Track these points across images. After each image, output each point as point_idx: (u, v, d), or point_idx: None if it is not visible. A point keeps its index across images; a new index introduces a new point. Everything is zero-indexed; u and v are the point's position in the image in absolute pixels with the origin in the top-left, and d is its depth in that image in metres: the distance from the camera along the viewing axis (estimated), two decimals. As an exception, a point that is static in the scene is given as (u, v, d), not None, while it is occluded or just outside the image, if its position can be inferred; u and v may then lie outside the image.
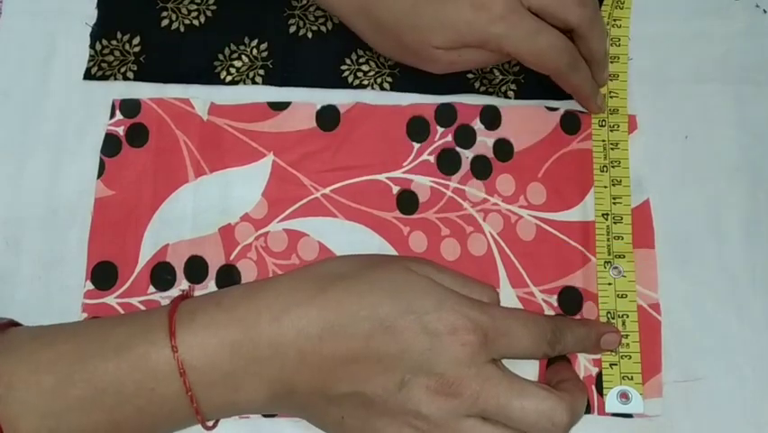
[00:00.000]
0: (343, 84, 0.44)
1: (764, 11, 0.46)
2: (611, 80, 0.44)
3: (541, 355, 0.36)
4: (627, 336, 0.40)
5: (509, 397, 0.33)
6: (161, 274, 0.40)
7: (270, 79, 0.44)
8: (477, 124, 0.44)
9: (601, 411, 0.39)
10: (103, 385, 0.32)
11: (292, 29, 0.45)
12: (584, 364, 0.40)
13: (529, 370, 0.39)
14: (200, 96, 0.43)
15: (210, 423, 0.35)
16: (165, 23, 0.45)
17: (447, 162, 0.43)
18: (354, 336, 0.33)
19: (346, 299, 0.33)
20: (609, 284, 0.41)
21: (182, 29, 0.45)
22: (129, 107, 0.43)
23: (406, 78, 0.44)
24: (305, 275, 0.35)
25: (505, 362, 0.35)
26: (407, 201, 0.42)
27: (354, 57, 0.45)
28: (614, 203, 0.42)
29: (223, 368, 0.33)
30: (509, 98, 0.44)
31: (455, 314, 0.33)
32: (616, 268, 0.41)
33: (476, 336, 0.33)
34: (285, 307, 0.33)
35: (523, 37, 0.39)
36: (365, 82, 0.44)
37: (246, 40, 0.45)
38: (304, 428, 0.37)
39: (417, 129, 0.43)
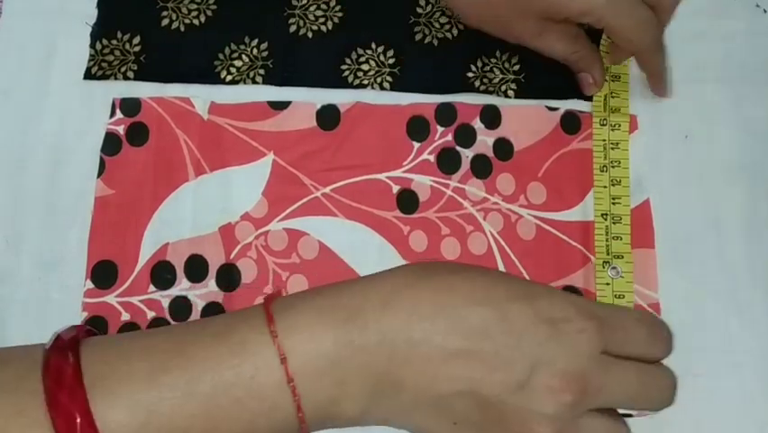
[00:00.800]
0: (343, 83, 0.44)
1: (764, 11, 0.47)
2: (613, 81, 0.44)
3: (651, 357, 0.34)
4: None
5: (644, 384, 0.32)
6: (161, 273, 0.40)
7: (271, 79, 0.44)
8: (477, 124, 0.44)
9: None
10: (198, 371, 0.29)
11: (292, 28, 0.45)
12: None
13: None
14: (200, 96, 0.43)
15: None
16: (165, 22, 0.45)
17: (447, 162, 0.43)
18: (468, 322, 0.30)
19: (456, 282, 0.31)
20: (607, 284, 0.41)
21: (182, 28, 0.45)
22: (129, 106, 0.43)
23: (406, 77, 0.44)
24: (402, 267, 0.33)
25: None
26: (407, 200, 0.42)
27: (354, 56, 0.45)
28: (613, 203, 0.42)
29: (327, 356, 0.30)
30: (509, 98, 0.44)
31: (566, 301, 0.31)
32: (614, 268, 0.41)
33: (593, 324, 0.31)
34: (393, 289, 0.31)
35: (623, 10, 0.39)
36: (365, 82, 0.44)
37: (246, 39, 0.45)
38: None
39: (417, 128, 0.43)
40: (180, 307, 0.40)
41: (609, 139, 0.43)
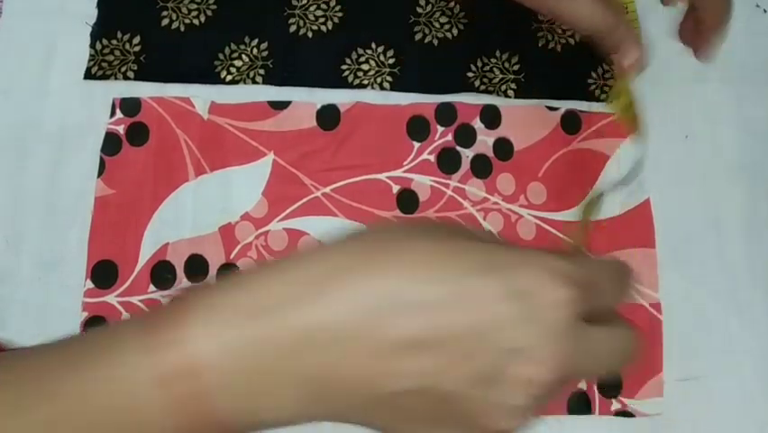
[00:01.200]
0: (343, 83, 0.44)
1: (764, 11, 0.47)
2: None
3: (615, 304, 0.29)
4: None
5: (613, 351, 0.27)
6: (161, 273, 0.40)
7: (271, 79, 0.44)
8: (477, 124, 0.44)
9: (603, 411, 0.39)
10: (69, 404, 0.25)
11: (292, 28, 0.45)
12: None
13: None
14: (200, 96, 0.43)
15: None
16: (165, 22, 0.45)
17: (447, 161, 0.43)
18: (419, 306, 0.25)
19: (403, 262, 0.25)
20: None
21: (182, 28, 0.45)
22: (129, 106, 0.43)
23: (406, 77, 0.44)
24: (341, 245, 0.26)
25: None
26: (408, 200, 0.42)
27: (354, 56, 0.45)
28: None
29: (245, 366, 0.25)
30: (509, 98, 0.44)
31: (538, 266, 0.26)
32: None
33: (568, 292, 0.25)
34: (325, 278, 0.25)
35: None
36: (365, 82, 0.44)
37: (246, 39, 0.45)
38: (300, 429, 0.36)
39: (417, 128, 0.43)
40: (180, 307, 0.40)
41: None
